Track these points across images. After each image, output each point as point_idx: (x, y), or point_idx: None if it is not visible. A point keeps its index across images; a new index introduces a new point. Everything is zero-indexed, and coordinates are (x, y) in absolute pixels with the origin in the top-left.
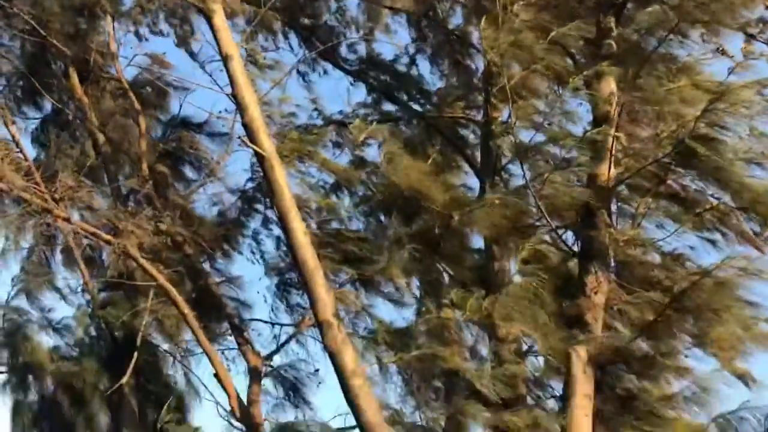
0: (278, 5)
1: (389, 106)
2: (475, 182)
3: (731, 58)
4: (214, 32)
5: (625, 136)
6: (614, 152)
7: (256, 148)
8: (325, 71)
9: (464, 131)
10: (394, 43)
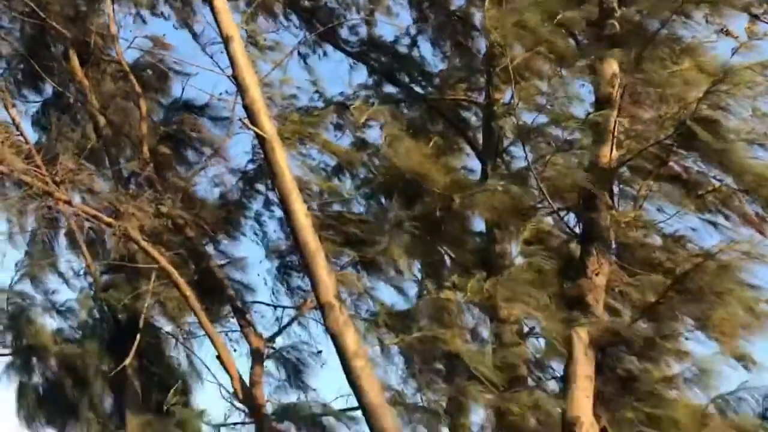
0: None
1: (390, 88)
2: (476, 164)
3: (735, 38)
4: (214, 14)
5: (627, 118)
6: (616, 134)
7: (257, 130)
8: (325, 53)
9: (466, 113)
10: (395, 24)
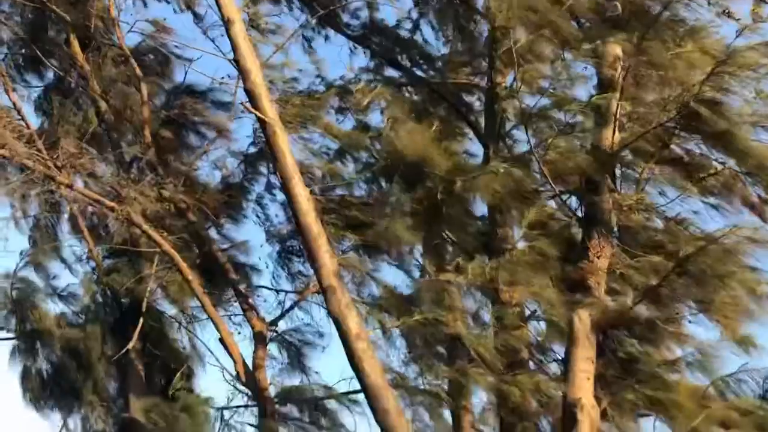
0: None
1: (392, 72)
2: (478, 149)
3: (737, 21)
4: None
5: (629, 100)
6: (618, 117)
7: (258, 114)
8: (327, 37)
9: (468, 97)
10: (397, 7)
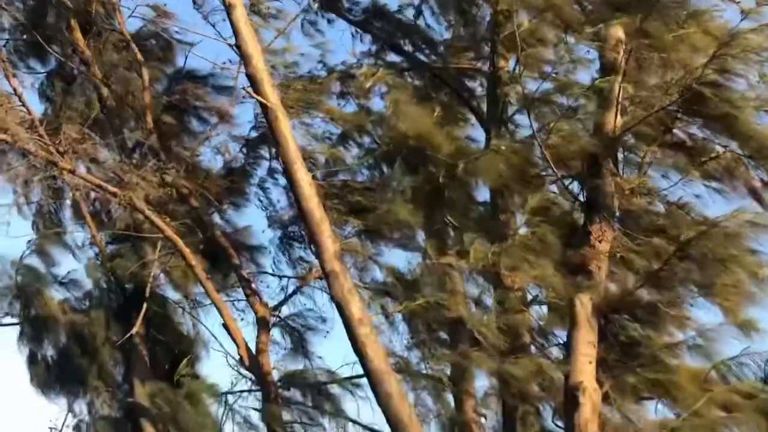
0: None
1: (394, 56)
2: (480, 135)
3: (737, 3)
4: None
5: (632, 84)
6: (621, 100)
7: (260, 98)
8: (329, 21)
9: (471, 82)
10: None
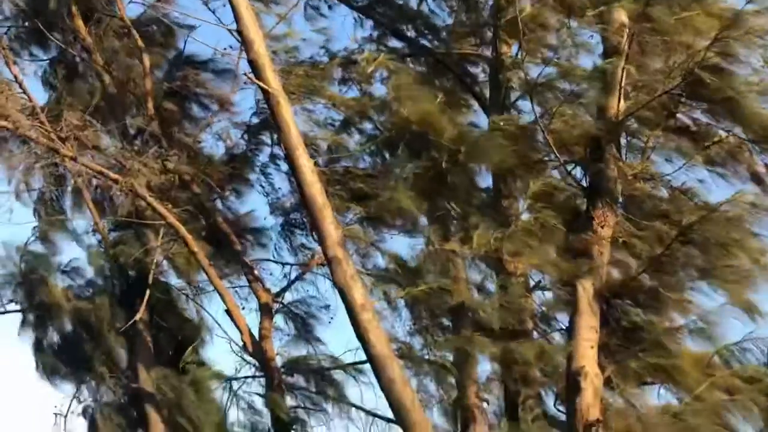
0: None
1: (396, 42)
2: (483, 121)
3: None
4: None
5: (635, 68)
6: (623, 85)
7: (262, 84)
8: (330, 7)
9: (473, 68)
10: None
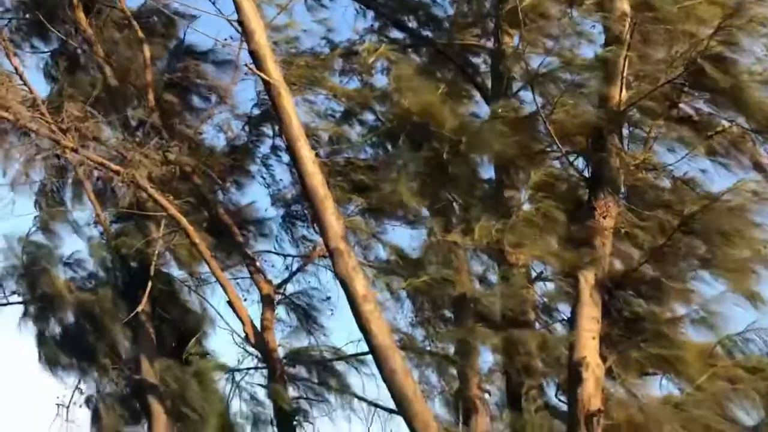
0: None
1: (398, 33)
2: (485, 112)
3: None
4: None
5: (637, 57)
6: (626, 74)
7: (263, 75)
8: None
9: (475, 58)
10: None
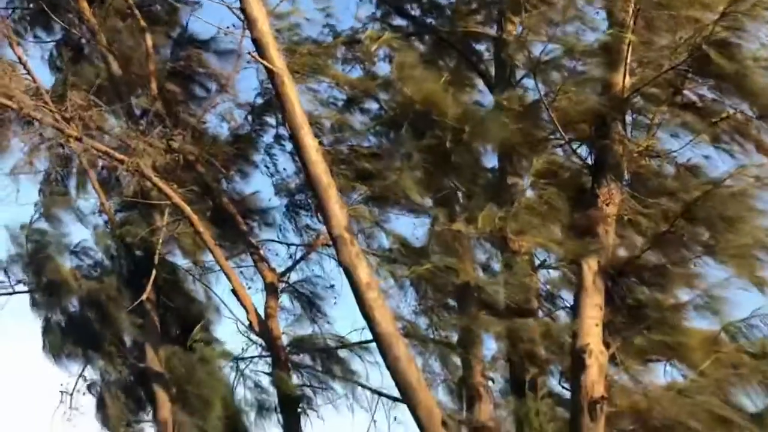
0: None
1: (400, 20)
2: (488, 100)
3: None
4: None
5: (640, 43)
6: (629, 61)
7: (266, 63)
8: None
9: (478, 46)
10: None
